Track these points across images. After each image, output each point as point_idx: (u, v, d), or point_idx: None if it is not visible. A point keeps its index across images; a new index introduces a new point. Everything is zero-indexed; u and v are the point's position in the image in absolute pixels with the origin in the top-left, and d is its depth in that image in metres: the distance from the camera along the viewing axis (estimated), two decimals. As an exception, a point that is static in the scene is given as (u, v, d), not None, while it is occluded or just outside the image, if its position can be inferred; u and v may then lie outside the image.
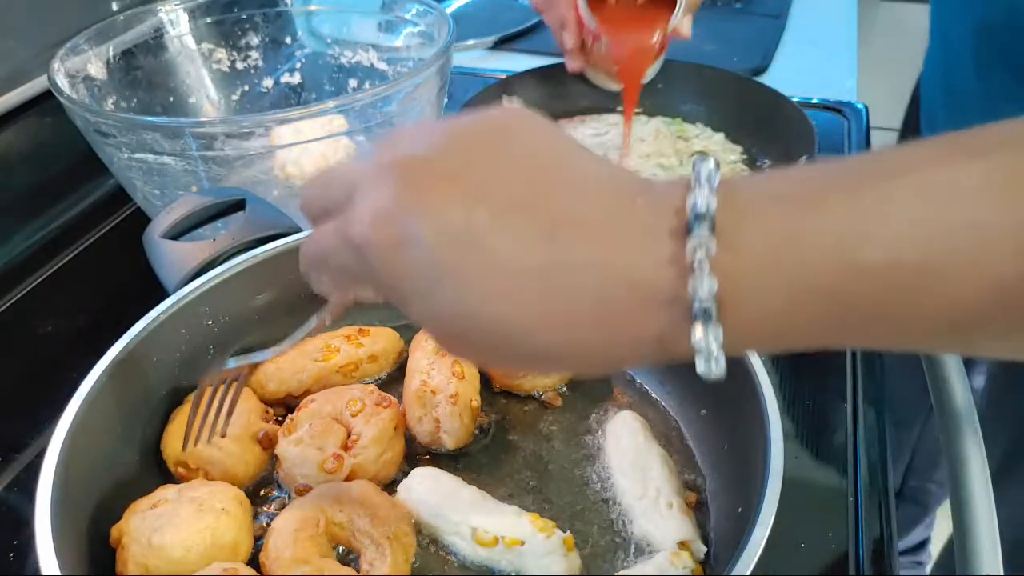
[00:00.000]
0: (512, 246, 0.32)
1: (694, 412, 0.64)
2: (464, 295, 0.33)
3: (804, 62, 1.33)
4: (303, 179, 0.88)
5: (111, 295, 0.85)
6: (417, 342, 0.68)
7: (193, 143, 0.74)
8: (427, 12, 0.95)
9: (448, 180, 0.33)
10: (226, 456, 0.58)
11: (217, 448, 0.58)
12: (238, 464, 0.59)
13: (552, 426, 0.65)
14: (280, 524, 0.53)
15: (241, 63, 1.03)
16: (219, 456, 0.58)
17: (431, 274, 0.33)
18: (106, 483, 0.54)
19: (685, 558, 0.53)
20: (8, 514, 0.63)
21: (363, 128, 0.84)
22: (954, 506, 0.59)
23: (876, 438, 0.67)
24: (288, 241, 0.68)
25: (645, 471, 0.59)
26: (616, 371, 0.65)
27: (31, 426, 0.68)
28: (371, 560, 0.52)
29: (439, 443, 0.62)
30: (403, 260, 0.34)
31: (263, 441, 0.61)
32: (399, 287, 0.35)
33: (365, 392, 0.63)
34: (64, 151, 0.92)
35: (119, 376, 0.56)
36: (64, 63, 0.82)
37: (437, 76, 0.84)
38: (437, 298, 0.34)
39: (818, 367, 0.73)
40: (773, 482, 0.47)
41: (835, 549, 0.58)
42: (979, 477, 0.65)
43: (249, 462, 0.60)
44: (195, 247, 0.66)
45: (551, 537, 0.54)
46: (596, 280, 0.32)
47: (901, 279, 0.30)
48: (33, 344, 0.79)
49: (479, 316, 0.33)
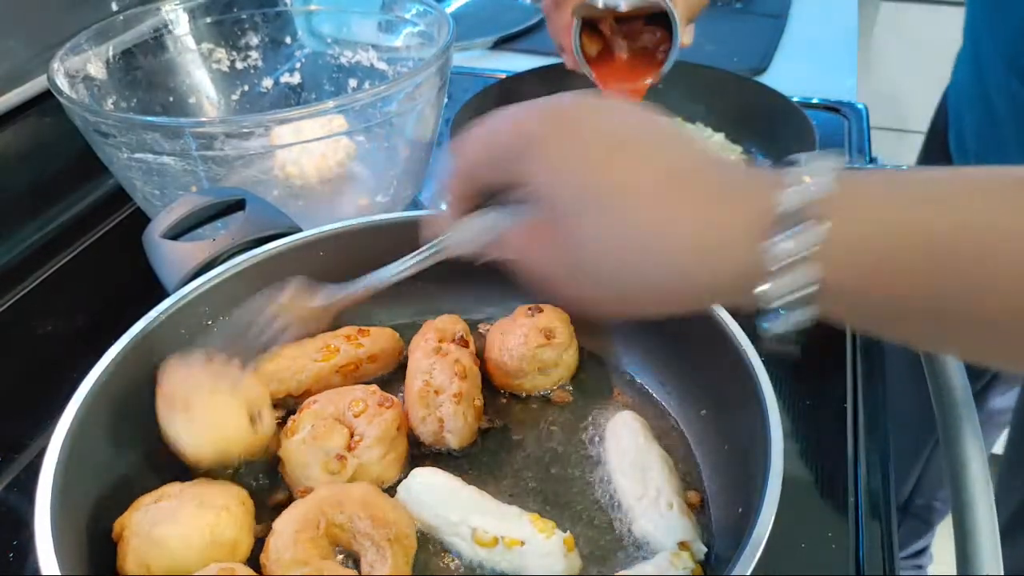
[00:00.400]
0: (664, 212, 0.39)
1: (694, 412, 0.64)
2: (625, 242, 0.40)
3: (804, 62, 1.33)
4: (303, 179, 0.88)
5: (111, 295, 0.85)
6: (417, 342, 0.68)
7: (193, 143, 0.74)
8: (427, 12, 0.95)
9: (625, 153, 0.41)
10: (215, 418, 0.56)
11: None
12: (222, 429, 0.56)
13: (552, 426, 0.65)
14: (280, 525, 0.53)
15: (241, 63, 1.03)
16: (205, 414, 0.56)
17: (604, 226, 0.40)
18: (106, 483, 0.54)
19: (685, 558, 0.53)
20: (8, 514, 0.63)
21: (363, 128, 0.84)
22: (954, 507, 0.59)
23: (877, 438, 0.67)
24: (288, 241, 0.68)
25: (645, 471, 0.59)
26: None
27: (31, 426, 0.68)
28: (371, 562, 0.52)
29: (443, 443, 0.62)
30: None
31: (255, 419, 0.58)
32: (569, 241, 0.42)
33: (367, 393, 0.63)
34: (64, 151, 0.92)
35: (119, 376, 0.56)
36: (64, 63, 0.82)
37: (437, 76, 0.84)
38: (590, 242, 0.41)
39: (818, 368, 0.73)
40: (773, 482, 0.47)
41: (835, 549, 0.58)
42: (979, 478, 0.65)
43: (231, 439, 0.56)
44: (195, 247, 0.66)
45: (551, 537, 0.54)
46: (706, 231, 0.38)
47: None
48: (33, 344, 0.79)
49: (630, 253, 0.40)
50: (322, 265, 0.70)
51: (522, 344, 0.66)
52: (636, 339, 0.69)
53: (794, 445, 0.66)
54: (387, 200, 0.90)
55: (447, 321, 0.70)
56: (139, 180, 0.80)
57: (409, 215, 0.73)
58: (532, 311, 0.68)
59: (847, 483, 0.62)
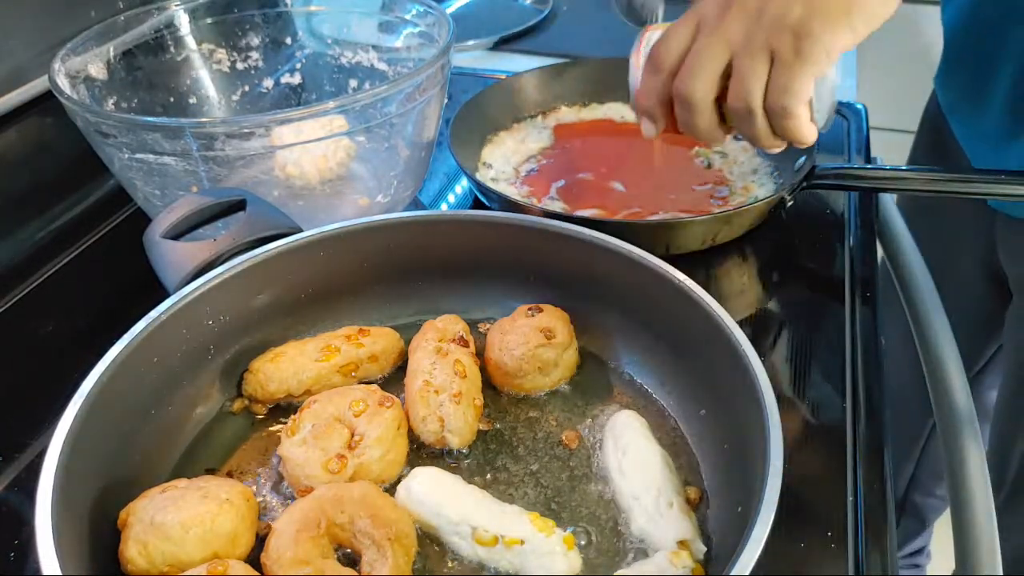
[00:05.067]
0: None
1: (694, 412, 0.64)
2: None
3: (804, 62, 1.33)
4: (303, 179, 0.88)
5: (111, 295, 0.85)
6: (417, 342, 0.68)
7: (193, 143, 0.74)
8: (427, 13, 0.95)
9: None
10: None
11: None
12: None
13: (552, 426, 0.65)
14: (281, 525, 0.53)
15: (241, 63, 1.03)
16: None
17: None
18: (106, 483, 0.55)
19: (685, 557, 0.53)
20: (9, 514, 0.63)
21: (363, 128, 0.84)
22: (954, 507, 0.59)
23: (876, 437, 0.67)
24: (288, 241, 0.68)
25: (645, 470, 0.59)
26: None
27: (31, 426, 0.68)
28: (372, 561, 0.52)
29: (443, 442, 0.62)
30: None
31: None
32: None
33: (368, 392, 0.63)
34: (64, 151, 0.92)
35: (119, 376, 0.56)
36: (65, 63, 0.82)
37: (437, 76, 0.84)
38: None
39: (818, 367, 0.73)
40: (773, 482, 0.47)
41: (835, 549, 0.58)
42: (979, 478, 0.65)
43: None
44: (195, 247, 0.66)
45: (551, 536, 0.54)
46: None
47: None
48: (33, 344, 0.79)
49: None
50: (322, 265, 0.70)
51: (522, 344, 0.66)
52: (636, 339, 0.69)
53: (794, 445, 0.66)
54: (387, 200, 0.90)
55: (447, 321, 0.70)
56: (140, 180, 0.80)
57: (409, 215, 0.73)
58: (532, 311, 0.69)
59: (846, 483, 0.62)
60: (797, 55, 0.62)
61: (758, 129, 0.67)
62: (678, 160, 1.01)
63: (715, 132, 0.70)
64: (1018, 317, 1.01)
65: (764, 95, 0.65)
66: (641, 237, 0.71)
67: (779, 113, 0.65)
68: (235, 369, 0.68)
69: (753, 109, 0.65)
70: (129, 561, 0.51)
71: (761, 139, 0.68)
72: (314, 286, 0.71)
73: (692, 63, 0.66)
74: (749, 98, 0.65)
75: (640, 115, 0.74)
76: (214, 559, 0.51)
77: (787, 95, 0.63)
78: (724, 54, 0.65)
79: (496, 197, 0.89)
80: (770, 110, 0.65)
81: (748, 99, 0.65)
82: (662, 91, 0.70)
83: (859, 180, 0.86)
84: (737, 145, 1.02)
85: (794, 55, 0.62)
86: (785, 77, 0.63)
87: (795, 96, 0.63)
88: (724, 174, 0.97)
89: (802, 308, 0.81)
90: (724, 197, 0.93)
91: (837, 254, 0.87)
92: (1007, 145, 0.91)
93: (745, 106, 0.65)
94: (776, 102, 0.64)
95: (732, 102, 0.66)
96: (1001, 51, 0.89)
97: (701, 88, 0.66)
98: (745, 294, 0.84)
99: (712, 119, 0.69)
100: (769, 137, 0.68)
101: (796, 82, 0.63)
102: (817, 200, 0.94)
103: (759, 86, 0.64)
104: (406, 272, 0.74)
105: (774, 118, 0.66)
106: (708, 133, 0.70)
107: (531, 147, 1.04)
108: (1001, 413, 1.08)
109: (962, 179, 0.81)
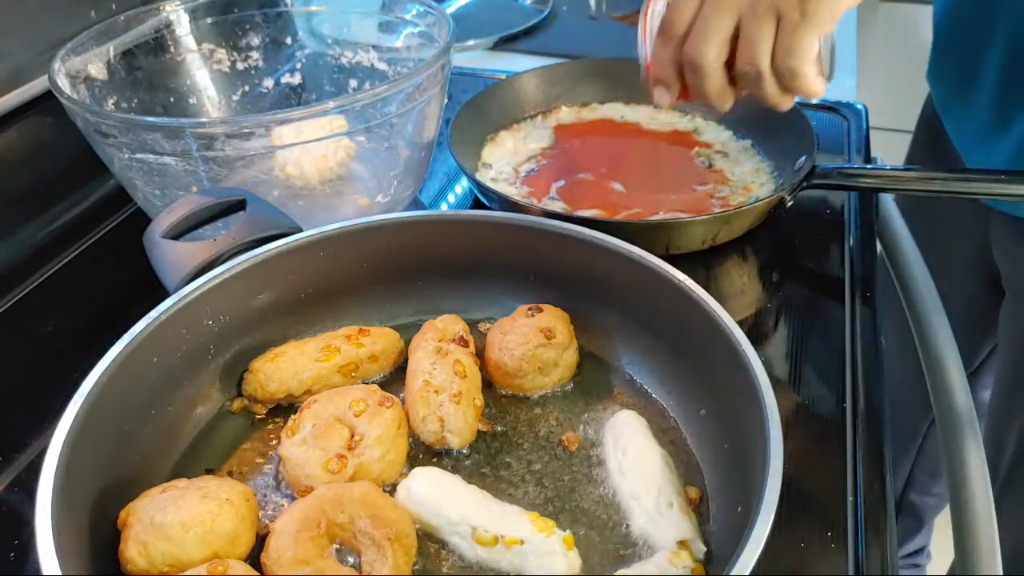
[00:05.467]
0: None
1: (694, 412, 0.64)
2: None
3: (804, 62, 1.33)
4: (303, 179, 0.88)
5: (111, 295, 0.85)
6: (417, 342, 0.68)
7: (193, 143, 0.74)
8: (427, 13, 0.95)
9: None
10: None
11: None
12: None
13: (552, 426, 0.65)
14: (281, 525, 0.53)
15: (241, 63, 1.03)
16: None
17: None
18: (106, 483, 0.55)
19: (685, 557, 0.53)
20: (9, 514, 0.63)
21: (363, 128, 0.84)
22: (954, 507, 0.59)
23: (875, 437, 0.67)
24: (288, 241, 0.68)
25: (645, 470, 0.59)
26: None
27: (31, 426, 0.68)
28: (372, 561, 0.52)
29: (443, 442, 0.62)
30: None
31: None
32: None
33: (368, 392, 0.63)
34: (64, 151, 0.92)
35: (119, 376, 0.56)
36: (65, 63, 0.82)
37: (437, 76, 0.84)
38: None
39: (818, 367, 0.73)
40: (773, 482, 0.47)
41: (835, 549, 0.58)
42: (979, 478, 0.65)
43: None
44: (195, 247, 0.66)
45: (551, 536, 0.54)
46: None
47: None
48: (33, 344, 0.79)
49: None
50: (322, 265, 0.70)
51: (522, 344, 0.66)
52: (636, 339, 0.69)
53: (794, 445, 0.66)
54: (387, 200, 0.90)
55: (447, 321, 0.70)
56: (140, 180, 0.80)
57: (409, 215, 0.73)
58: (532, 311, 0.69)
59: (846, 483, 0.62)
60: (803, 16, 0.63)
61: (767, 89, 0.69)
62: (678, 160, 1.01)
63: (725, 95, 0.72)
64: (1010, 314, 1.01)
65: (772, 57, 0.66)
66: (641, 237, 0.71)
67: (787, 74, 0.66)
68: (235, 369, 0.68)
69: (762, 72, 0.67)
70: (129, 561, 0.51)
71: (771, 98, 0.70)
72: (314, 286, 0.71)
73: (700, 29, 0.68)
74: (757, 61, 0.66)
75: (653, 84, 0.76)
76: (214, 559, 0.51)
77: (794, 56, 0.65)
78: (732, 19, 0.66)
79: (496, 197, 0.89)
80: (778, 71, 0.67)
81: (757, 62, 0.67)
82: (675, 58, 0.72)
83: (859, 180, 0.86)
84: (738, 145, 1.02)
85: (800, 16, 0.63)
86: (791, 39, 0.64)
87: (802, 57, 0.65)
88: (724, 174, 0.97)
89: (802, 308, 0.81)
90: (724, 197, 0.93)
91: (837, 254, 0.87)
92: (996, 139, 0.91)
93: (754, 69, 0.67)
94: (784, 63, 0.66)
95: (741, 66, 0.68)
96: (988, 41, 0.90)
97: (710, 53, 0.68)
98: (745, 294, 0.84)
99: (722, 82, 0.71)
100: (778, 95, 0.70)
101: (803, 43, 0.64)
102: (817, 200, 0.94)
103: (766, 49, 0.66)
104: (406, 272, 0.74)
105: (782, 78, 0.67)
106: (718, 96, 0.72)
107: (531, 147, 1.04)
108: (994, 408, 1.09)
109: (962, 179, 0.81)
